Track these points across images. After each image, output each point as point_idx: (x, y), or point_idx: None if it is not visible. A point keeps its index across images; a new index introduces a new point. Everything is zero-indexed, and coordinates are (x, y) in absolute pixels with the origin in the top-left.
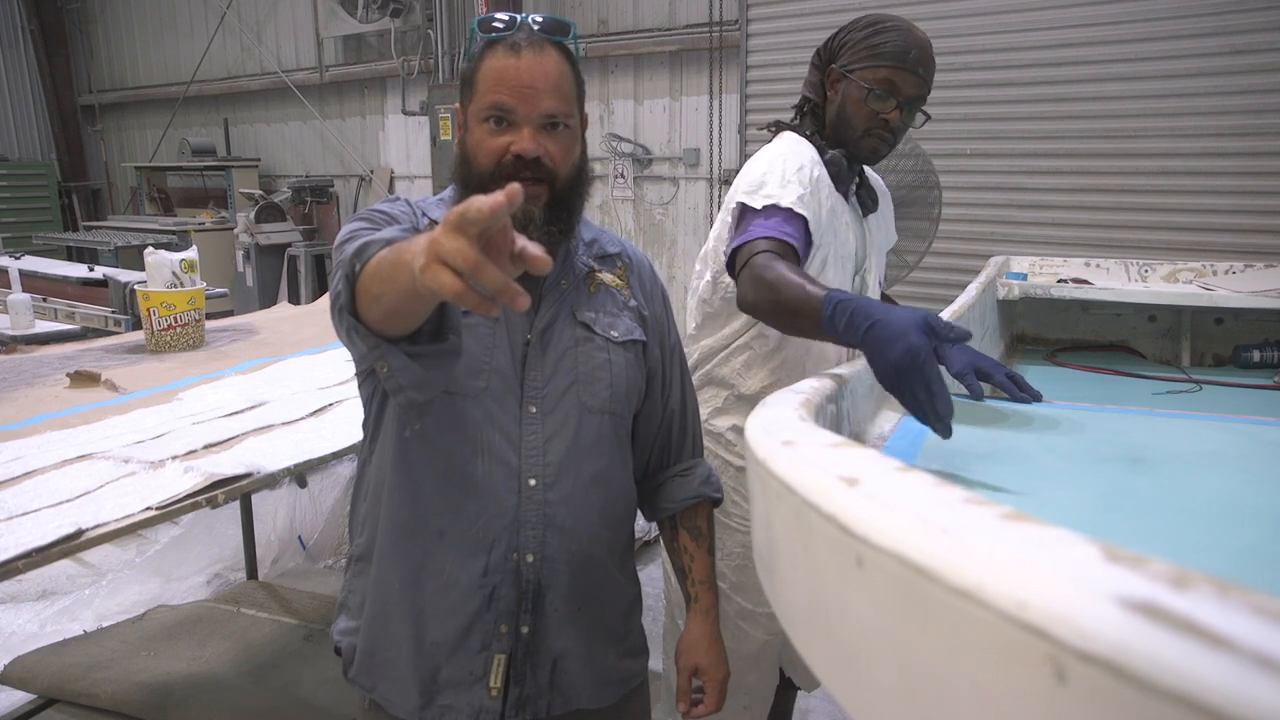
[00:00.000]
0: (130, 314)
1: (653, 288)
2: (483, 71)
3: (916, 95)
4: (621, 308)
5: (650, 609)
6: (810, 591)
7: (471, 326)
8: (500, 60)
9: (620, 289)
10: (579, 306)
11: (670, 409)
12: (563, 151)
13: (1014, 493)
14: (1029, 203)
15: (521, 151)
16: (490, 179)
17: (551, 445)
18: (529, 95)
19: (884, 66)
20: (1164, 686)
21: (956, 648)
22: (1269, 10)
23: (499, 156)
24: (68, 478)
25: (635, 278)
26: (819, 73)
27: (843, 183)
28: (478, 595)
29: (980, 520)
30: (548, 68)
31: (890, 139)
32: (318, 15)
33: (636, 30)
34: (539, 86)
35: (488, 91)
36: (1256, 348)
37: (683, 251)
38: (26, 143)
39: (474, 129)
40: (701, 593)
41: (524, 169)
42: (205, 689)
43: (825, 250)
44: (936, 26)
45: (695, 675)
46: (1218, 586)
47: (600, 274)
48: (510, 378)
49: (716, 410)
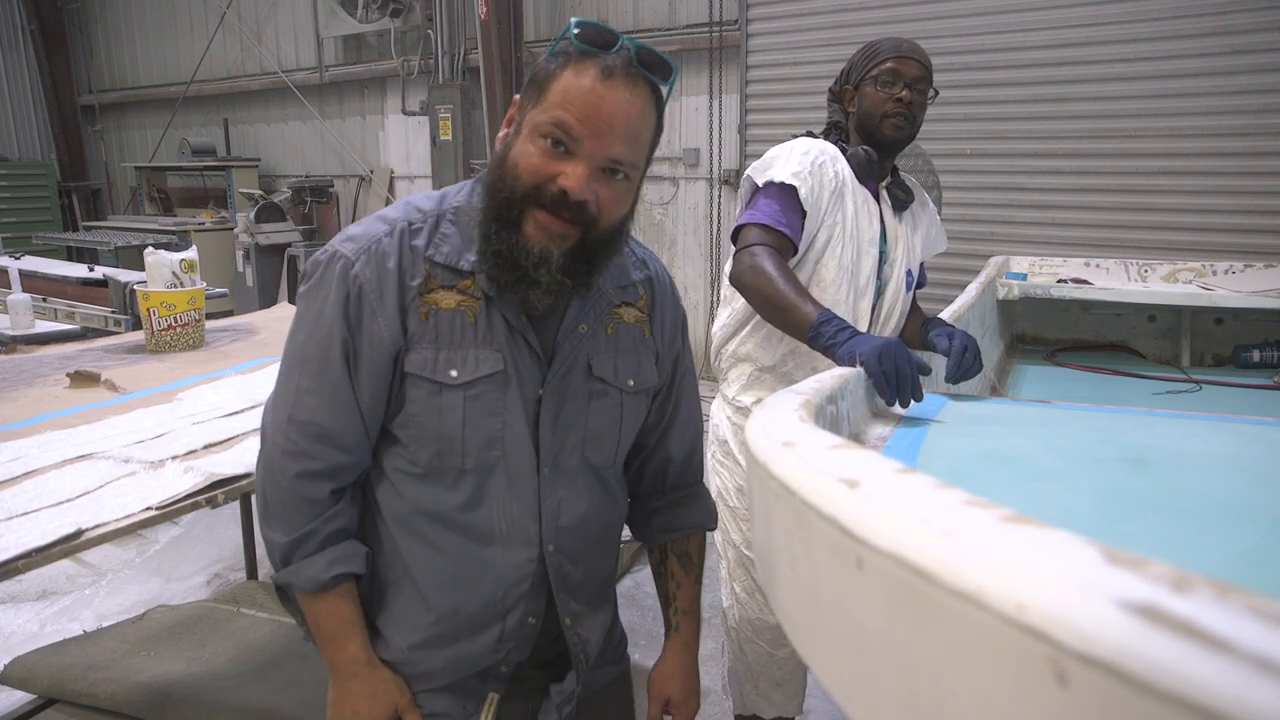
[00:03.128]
0: (130, 314)
1: (675, 316)
2: (561, 82)
3: (920, 76)
4: (640, 349)
5: (650, 609)
6: (810, 593)
7: (476, 396)
8: (586, 79)
9: (641, 325)
10: (595, 354)
11: (675, 433)
12: (614, 201)
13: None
14: (1029, 203)
15: (570, 189)
16: (523, 200)
17: (564, 508)
18: (601, 131)
19: (885, 60)
20: (1164, 689)
21: (957, 650)
22: (1269, 10)
23: (542, 182)
24: (68, 478)
25: (658, 310)
26: (837, 100)
27: (870, 176)
28: (490, 659)
29: (981, 522)
30: (633, 108)
31: (909, 116)
32: (318, 15)
33: (636, 30)
34: (616, 126)
35: (558, 106)
36: (1256, 348)
37: (682, 251)
38: (26, 143)
39: (528, 139)
40: (684, 623)
41: (564, 207)
42: (205, 689)
43: (832, 227)
44: (936, 26)
45: (666, 709)
46: (1218, 589)
47: (620, 309)
48: (524, 441)
49: (743, 386)
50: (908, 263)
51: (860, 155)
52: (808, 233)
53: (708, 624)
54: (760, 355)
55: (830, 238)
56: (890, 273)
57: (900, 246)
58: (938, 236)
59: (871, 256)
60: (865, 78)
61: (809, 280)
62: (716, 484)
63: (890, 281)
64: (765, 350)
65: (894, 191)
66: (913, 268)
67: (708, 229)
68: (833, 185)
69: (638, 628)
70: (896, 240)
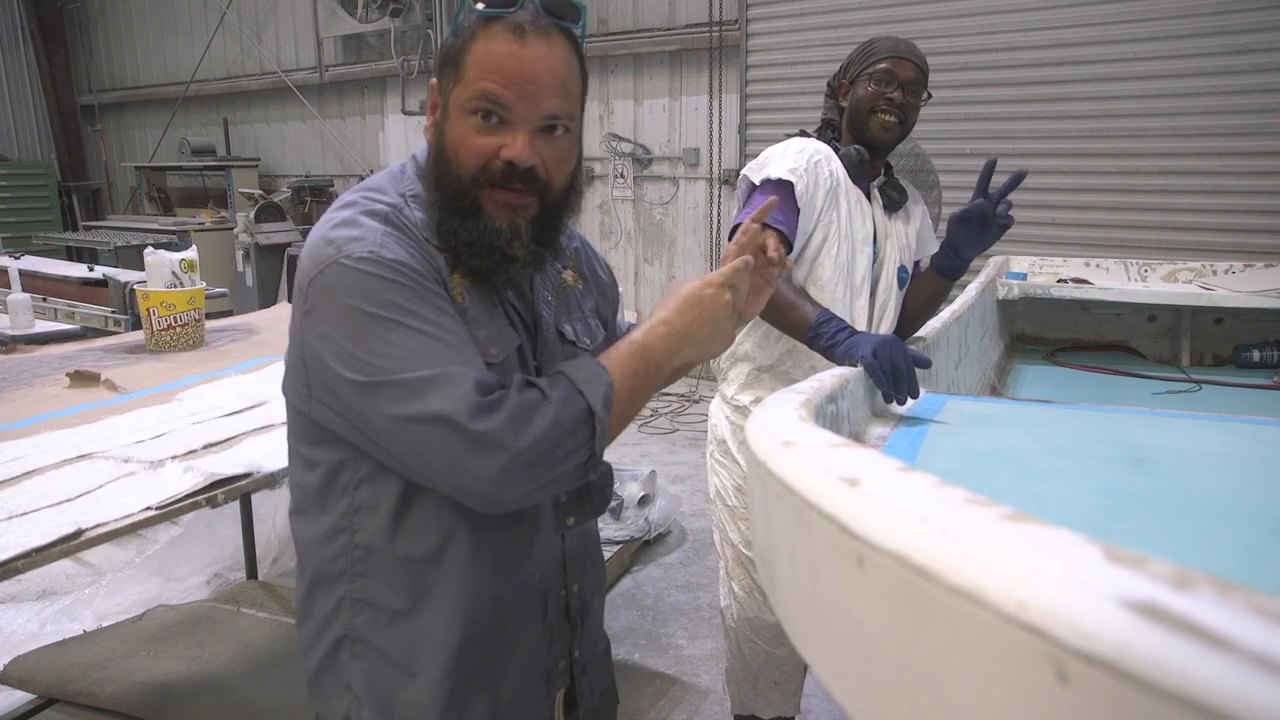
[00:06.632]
0: (130, 314)
1: (595, 264)
2: (475, 53)
3: (914, 78)
4: (584, 307)
5: (650, 609)
6: (810, 592)
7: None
8: (499, 44)
9: (577, 285)
10: (559, 319)
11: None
12: (559, 159)
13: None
14: (1029, 203)
15: (514, 159)
16: (473, 184)
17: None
18: (530, 92)
19: (881, 59)
20: (1165, 687)
21: (957, 648)
22: (1269, 10)
23: (486, 160)
24: (68, 478)
25: (584, 267)
26: (833, 97)
27: (862, 176)
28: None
29: (981, 521)
30: (554, 60)
31: (898, 115)
32: (317, 15)
33: (636, 30)
34: (542, 82)
35: (479, 78)
36: (1256, 347)
37: (682, 251)
38: (26, 143)
39: (457, 120)
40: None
41: (514, 179)
42: (205, 689)
43: (827, 226)
44: (936, 26)
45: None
46: (1218, 587)
47: (564, 274)
48: None
49: (742, 386)
50: (900, 259)
51: (852, 155)
52: (803, 230)
53: (707, 623)
54: (759, 354)
55: (826, 237)
56: (881, 270)
57: (891, 244)
58: (929, 238)
59: (866, 255)
60: (860, 74)
61: (806, 279)
62: (715, 483)
63: (881, 279)
64: (763, 349)
65: (888, 191)
66: (906, 264)
67: (707, 229)
68: (828, 185)
69: (638, 628)
70: (887, 238)
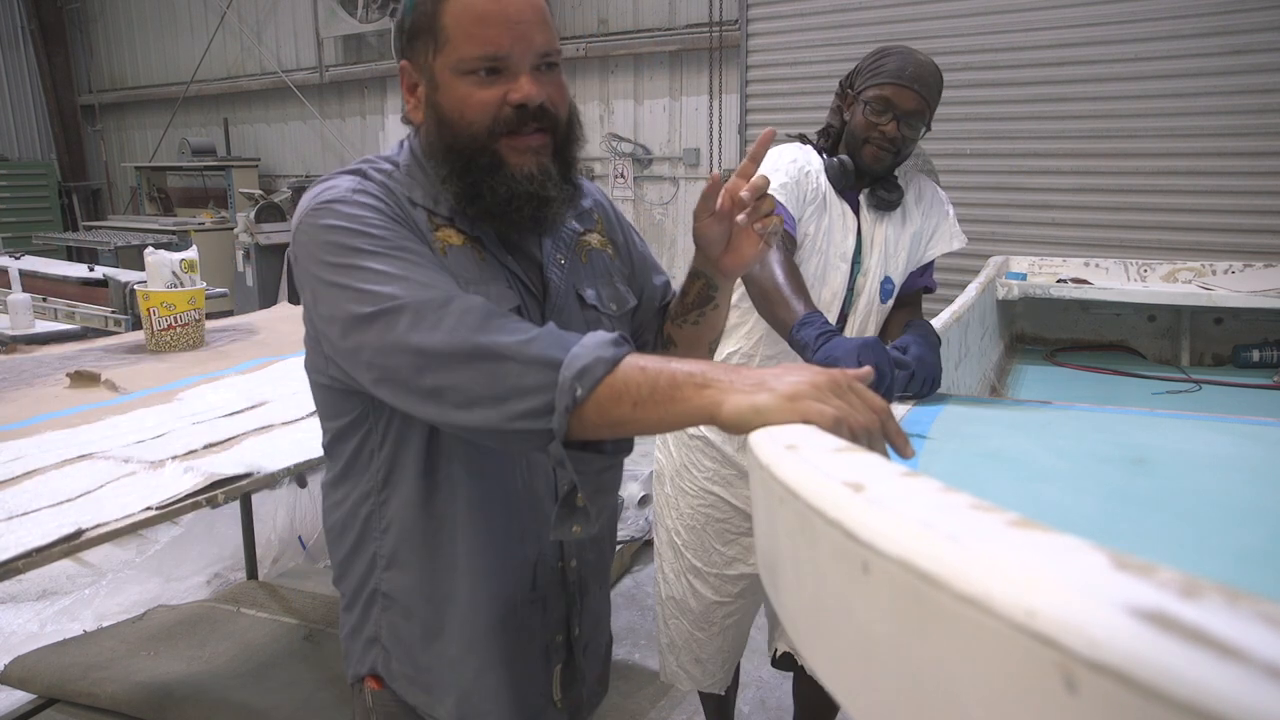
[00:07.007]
0: (130, 314)
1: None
2: (452, 14)
3: (914, 110)
4: (612, 272)
5: (650, 609)
6: (814, 597)
7: None
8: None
9: (606, 250)
10: (579, 282)
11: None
12: (559, 90)
13: (1015, 495)
14: (1029, 203)
15: (525, 100)
16: (489, 137)
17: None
18: (521, 33)
19: (883, 84)
20: (1174, 696)
21: (964, 656)
22: (1269, 10)
23: (495, 110)
24: (68, 478)
25: (611, 230)
26: (840, 99)
27: (848, 187)
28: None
29: (987, 527)
30: None
31: (890, 149)
32: (318, 15)
33: (636, 30)
34: (529, 19)
35: (469, 40)
36: (1256, 347)
37: (682, 251)
38: (26, 143)
39: (451, 86)
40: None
41: (528, 119)
42: (205, 689)
43: (802, 239)
44: (936, 26)
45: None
46: (1227, 595)
47: (586, 236)
48: None
49: None
50: (885, 271)
51: (835, 166)
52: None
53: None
54: (746, 345)
55: (799, 248)
56: (864, 283)
57: (877, 254)
58: (950, 234)
59: (841, 271)
60: (861, 95)
61: None
62: (655, 468)
63: (863, 292)
64: (750, 341)
65: (877, 192)
66: (894, 275)
67: None
68: (813, 198)
69: (638, 628)
70: (872, 248)
